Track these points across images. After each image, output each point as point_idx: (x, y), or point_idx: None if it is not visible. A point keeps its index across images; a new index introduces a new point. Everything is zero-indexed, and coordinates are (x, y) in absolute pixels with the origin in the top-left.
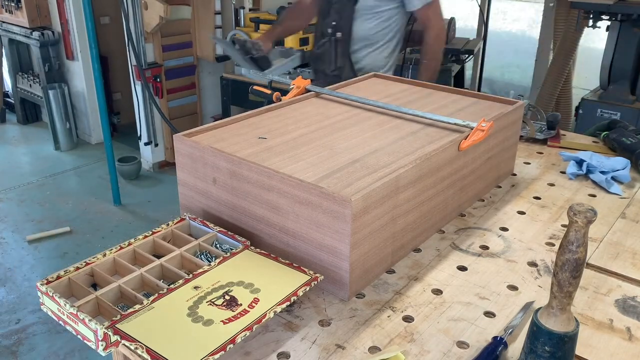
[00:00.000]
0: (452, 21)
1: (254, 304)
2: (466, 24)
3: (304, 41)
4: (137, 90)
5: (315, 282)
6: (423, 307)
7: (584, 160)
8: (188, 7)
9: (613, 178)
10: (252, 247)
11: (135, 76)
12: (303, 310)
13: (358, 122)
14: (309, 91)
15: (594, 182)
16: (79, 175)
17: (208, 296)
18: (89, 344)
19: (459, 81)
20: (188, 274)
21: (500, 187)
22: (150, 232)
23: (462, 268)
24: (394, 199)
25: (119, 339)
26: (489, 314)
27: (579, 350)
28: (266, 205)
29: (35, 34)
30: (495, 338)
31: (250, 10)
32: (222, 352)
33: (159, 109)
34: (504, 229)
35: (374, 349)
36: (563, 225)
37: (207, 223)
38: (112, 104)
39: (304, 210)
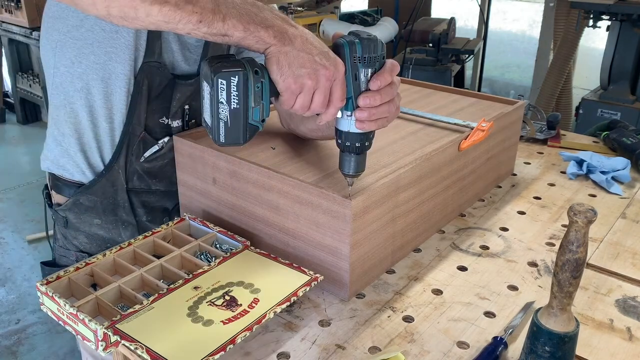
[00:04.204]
0: (452, 21)
1: (254, 304)
2: (466, 24)
3: None
4: None
5: (315, 283)
6: (423, 307)
7: (584, 160)
8: None
9: (613, 178)
10: (252, 247)
11: None
12: (303, 310)
13: None
14: None
15: (594, 182)
16: None
17: (208, 296)
18: (88, 344)
19: (459, 81)
20: (188, 274)
21: (500, 187)
22: (150, 232)
23: (462, 268)
24: (394, 199)
25: (118, 339)
26: (489, 314)
27: (579, 350)
28: (266, 205)
29: (35, 34)
30: (495, 338)
31: None
32: (222, 352)
33: None
34: (504, 229)
35: (374, 349)
36: (563, 225)
37: (207, 223)
38: None
39: (304, 210)
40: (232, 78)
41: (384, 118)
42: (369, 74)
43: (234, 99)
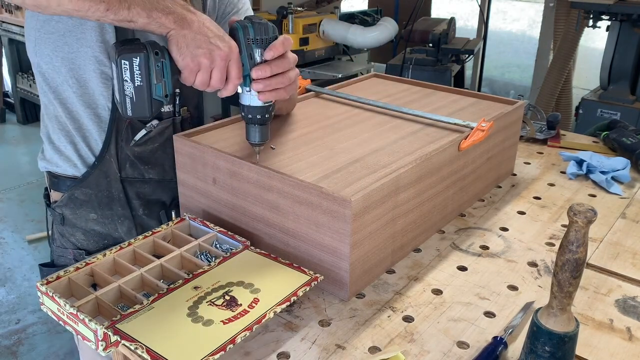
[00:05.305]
0: (452, 21)
1: (254, 304)
2: (466, 24)
3: (304, 41)
4: None
5: (315, 282)
6: (423, 307)
7: (584, 160)
8: None
9: (613, 178)
10: (252, 247)
11: None
12: (303, 310)
13: (358, 122)
14: (309, 91)
15: (594, 182)
16: None
17: (208, 296)
18: (88, 344)
19: (459, 81)
20: (188, 274)
21: (500, 187)
22: (150, 232)
23: (462, 268)
24: (394, 199)
25: (118, 339)
26: (489, 314)
27: (579, 350)
28: (266, 205)
29: None
30: (495, 338)
31: None
32: (222, 352)
33: None
34: (504, 229)
35: (374, 349)
36: (563, 225)
37: (207, 223)
38: None
39: (304, 210)
40: (134, 59)
41: (280, 89)
42: (263, 54)
43: (137, 77)
